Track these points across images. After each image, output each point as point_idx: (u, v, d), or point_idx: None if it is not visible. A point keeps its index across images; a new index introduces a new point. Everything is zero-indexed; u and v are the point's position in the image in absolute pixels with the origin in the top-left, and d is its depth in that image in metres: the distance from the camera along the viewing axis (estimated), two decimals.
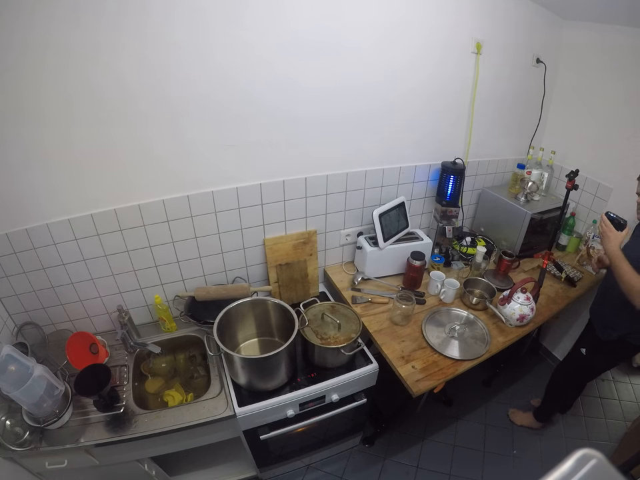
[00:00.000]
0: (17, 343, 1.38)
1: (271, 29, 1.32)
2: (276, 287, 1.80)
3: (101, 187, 1.36)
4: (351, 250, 2.00)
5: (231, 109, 1.40)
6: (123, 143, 1.31)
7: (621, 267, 1.35)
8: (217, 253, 1.68)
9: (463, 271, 1.96)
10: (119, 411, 1.35)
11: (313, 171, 1.66)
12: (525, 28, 1.82)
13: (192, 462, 1.81)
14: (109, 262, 1.51)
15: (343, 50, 1.46)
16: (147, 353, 1.59)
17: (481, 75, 1.79)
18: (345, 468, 1.91)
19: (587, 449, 0.33)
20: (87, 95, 1.20)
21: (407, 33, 1.55)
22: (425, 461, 1.94)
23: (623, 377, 2.41)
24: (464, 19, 1.64)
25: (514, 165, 2.19)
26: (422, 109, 1.76)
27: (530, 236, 1.99)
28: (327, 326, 1.53)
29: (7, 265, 1.37)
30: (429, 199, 2.06)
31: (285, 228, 1.76)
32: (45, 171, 1.27)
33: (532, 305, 1.61)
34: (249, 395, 1.42)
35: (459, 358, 1.49)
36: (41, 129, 1.19)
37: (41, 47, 1.09)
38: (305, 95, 1.49)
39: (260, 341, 1.66)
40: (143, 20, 1.15)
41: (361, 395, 1.59)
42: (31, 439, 1.24)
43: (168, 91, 1.28)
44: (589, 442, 2.03)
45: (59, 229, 1.36)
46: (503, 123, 2.06)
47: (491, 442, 2.03)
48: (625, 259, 1.34)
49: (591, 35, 1.89)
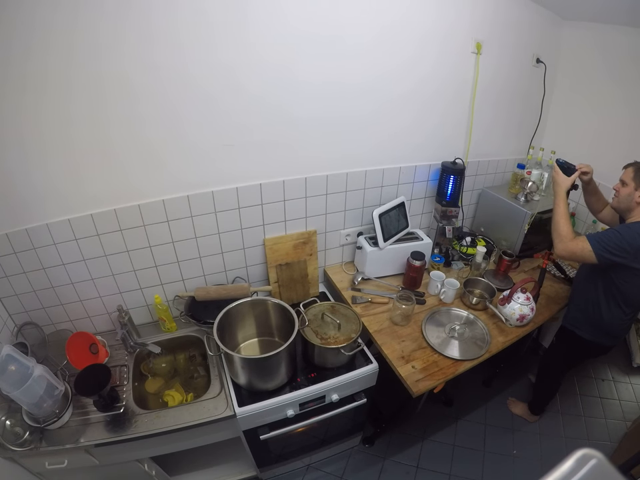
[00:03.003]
0: (17, 343, 1.37)
1: (272, 28, 1.32)
2: (276, 287, 1.80)
3: (101, 186, 1.36)
4: (351, 250, 2.00)
5: (231, 109, 1.40)
6: (122, 143, 1.31)
7: (558, 206, 1.52)
8: (216, 253, 1.68)
9: (462, 271, 1.96)
10: (119, 411, 1.34)
11: (312, 171, 1.66)
12: (524, 28, 1.82)
13: (192, 462, 1.81)
14: (108, 262, 1.51)
15: (343, 49, 1.46)
16: (147, 353, 1.59)
17: (481, 74, 1.79)
18: (344, 468, 1.91)
19: (586, 449, 0.33)
20: (87, 95, 1.20)
21: (407, 32, 1.55)
22: (425, 461, 1.94)
23: (623, 377, 2.41)
24: (464, 19, 1.64)
25: (514, 165, 2.19)
26: (422, 109, 1.76)
27: (530, 236, 1.99)
28: (327, 326, 1.53)
29: (7, 265, 1.37)
30: (429, 199, 2.06)
31: (285, 228, 1.76)
32: (45, 171, 1.26)
33: (532, 305, 1.61)
34: (248, 395, 1.42)
35: (459, 358, 1.49)
36: (41, 128, 1.19)
37: (42, 48, 1.09)
38: (305, 95, 1.48)
39: (260, 341, 1.66)
40: (145, 20, 1.15)
41: (361, 394, 1.59)
42: (31, 439, 1.24)
43: (168, 90, 1.28)
44: (589, 442, 2.03)
45: (59, 228, 1.36)
46: (503, 122, 2.06)
47: (491, 442, 2.03)
48: (565, 201, 1.51)
49: (591, 34, 1.89)
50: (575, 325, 1.66)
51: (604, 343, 1.63)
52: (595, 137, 2.02)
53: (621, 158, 1.56)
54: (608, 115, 1.94)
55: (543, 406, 2.08)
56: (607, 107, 1.94)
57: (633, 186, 1.38)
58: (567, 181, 1.53)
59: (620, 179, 1.46)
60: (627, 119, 1.86)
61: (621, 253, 1.34)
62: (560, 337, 1.80)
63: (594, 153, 1.99)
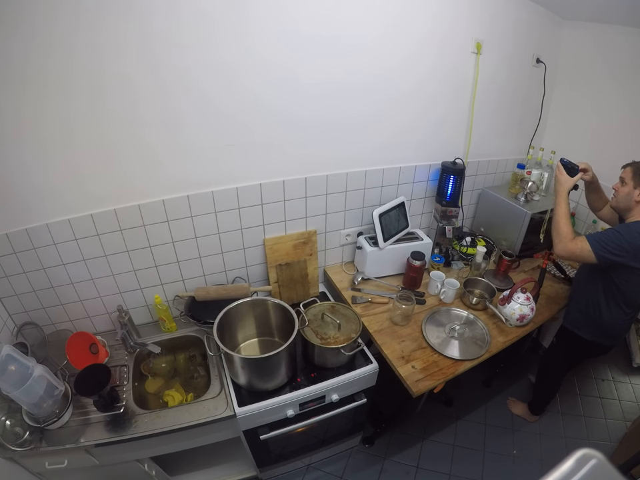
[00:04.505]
0: (17, 343, 1.37)
1: (274, 27, 1.32)
2: (276, 287, 1.80)
3: (101, 186, 1.36)
4: (351, 250, 2.00)
5: (231, 109, 1.40)
6: (122, 143, 1.31)
7: (559, 206, 1.51)
8: (217, 253, 1.68)
9: (463, 271, 1.96)
10: (119, 411, 1.34)
11: (313, 171, 1.66)
12: (525, 28, 1.82)
13: (192, 462, 1.81)
14: (108, 262, 1.51)
15: (344, 48, 1.46)
16: (147, 353, 1.59)
17: (481, 74, 1.79)
18: (344, 468, 1.91)
19: (586, 449, 0.33)
20: (87, 95, 1.20)
21: (407, 32, 1.55)
22: (425, 461, 1.94)
23: (623, 377, 2.41)
24: (464, 18, 1.63)
25: (514, 165, 2.19)
26: (423, 109, 1.76)
27: (530, 236, 1.99)
28: (327, 326, 1.53)
29: (7, 265, 1.37)
30: (429, 199, 2.06)
31: (285, 228, 1.76)
32: (45, 171, 1.26)
33: (532, 305, 1.61)
34: (248, 395, 1.42)
35: (459, 358, 1.49)
36: (41, 128, 1.19)
37: (43, 48, 1.09)
38: (306, 95, 1.48)
39: (260, 341, 1.66)
40: (147, 20, 1.15)
41: (361, 395, 1.59)
42: (31, 439, 1.24)
43: (169, 90, 1.28)
44: (589, 442, 2.03)
45: (59, 228, 1.36)
46: (503, 122, 2.06)
47: (491, 442, 2.03)
48: (566, 201, 1.50)
49: (590, 34, 1.89)
50: (575, 325, 1.66)
51: (604, 343, 1.63)
52: (595, 137, 2.02)
53: (620, 157, 1.56)
54: (608, 114, 1.94)
55: (543, 406, 2.08)
56: (606, 107, 1.94)
57: (632, 185, 1.38)
58: (570, 181, 1.52)
59: (619, 178, 1.46)
60: (627, 119, 1.86)
61: (621, 253, 1.34)
62: (560, 337, 1.80)
63: (594, 152, 1.99)
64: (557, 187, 1.54)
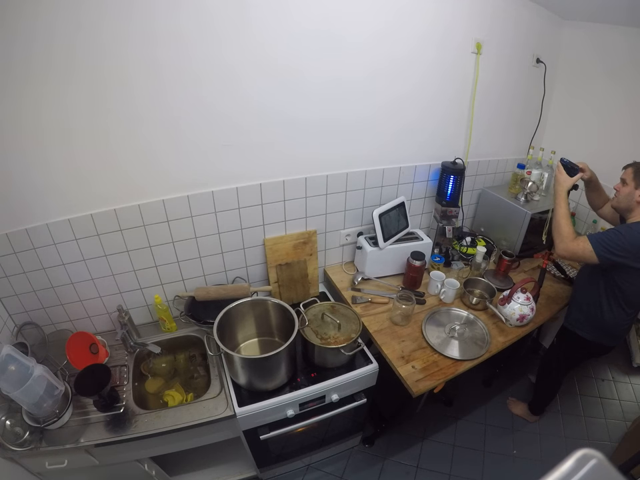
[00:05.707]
0: (17, 343, 1.37)
1: (275, 27, 1.32)
2: (276, 287, 1.80)
3: (101, 186, 1.36)
4: (351, 250, 2.00)
5: (231, 109, 1.40)
6: (123, 143, 1.31)
7: (559, 206, 1.51)
8: (217, 253, 1.68)
9: (462, 271, 1.96)
10: (119, 411, 1.35)
11: (313, 171, 1.66)
12: (525, 28, 1.82)
13: (192, 462, 1.81)
14: (108, 262, 1.51)
15: (344, 48, 1.45)
16: (147, 353, 1.59)
17: (480, 74, 1.79)
18: (344, 468, 1.91)
19: (586, 449, 0.33)
20: (88, 95, 1.20)
21: (406, 32, 1.55)
22: (425, 461, 1.94)
23: (623, 377, 2.41)
24: (463, 18, 1.63)
25: (514, 165, 2.19)
26: (423, 109, 1.76)
27: (530, 236, 1.99)
28: (327, 326, 1.53)
29: (7, 265, 1.37)
30: (429, 199, 2.06)
31: (285, 228, 1.76)
32: (45, 171, 1.26)
33: (532, 305, 1.61)
34: (248, 395, 1.42)
35: (459, 358, 1.49)
36: (41, 128, 1.19)
37: (44, 49, 1.09)
38: (306, 96, 1.48)
39: (260, 341, 1.66)
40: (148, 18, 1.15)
41: (361, 395, 1.59)
42: (31, 439, 1.24)
43: (169, 89, 1.28)
44: (589, 442, 2.02)
45: (59, 228, 1.36)
46: (503, 122, 2.06)
47: (491, 442, 2.03)
48: (566, 201, 1.51)
49: (590, 34, 1.89)
50: (576, 326, 1.66)
51: (605, 344, 1.63)
52: (595, 137, 2.02)
53: (621, 157, 1.56)
54: (608, 114, 1.94)
55: (543, 406, 2.08)
56: (606, 107, 1.94)
57: (633, 186, 1.39)
58: (569, 181, 1.52)
59: (620, 179, 1.46)
60: (627, 119, 1.86)
61: (623, 253, 1.34)
62: (561, 337, 1.80)
63: (594, 152, 1.99)
64: (556, 186, 1.55)
